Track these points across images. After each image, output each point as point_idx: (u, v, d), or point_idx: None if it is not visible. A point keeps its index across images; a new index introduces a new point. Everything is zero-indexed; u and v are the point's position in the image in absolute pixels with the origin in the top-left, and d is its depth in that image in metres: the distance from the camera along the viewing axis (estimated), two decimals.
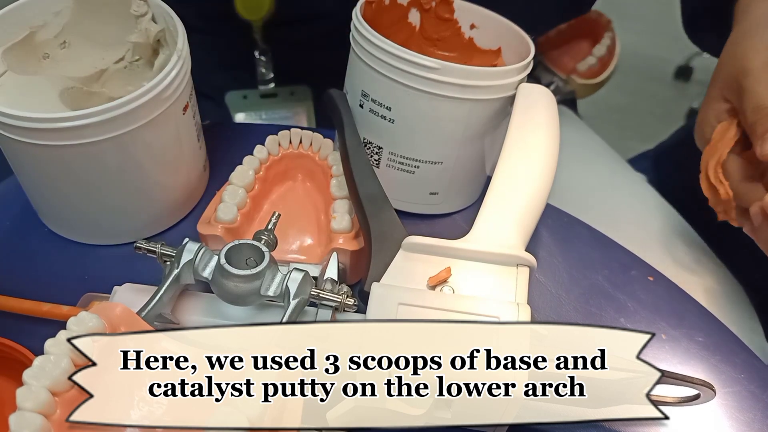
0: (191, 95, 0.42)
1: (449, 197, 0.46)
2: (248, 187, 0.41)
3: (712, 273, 0.57)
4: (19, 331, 0.36)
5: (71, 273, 0.43)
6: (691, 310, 0.44)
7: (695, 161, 0.46)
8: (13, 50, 0.42)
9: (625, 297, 0.44)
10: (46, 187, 0.41)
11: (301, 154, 0.44)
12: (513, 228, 0.36)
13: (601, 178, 0.65)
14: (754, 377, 0.40)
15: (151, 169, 0.41)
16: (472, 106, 0.41)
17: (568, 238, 0.48)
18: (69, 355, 0.26)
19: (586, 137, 0.71)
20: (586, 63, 0.77)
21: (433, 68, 0.39)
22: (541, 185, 0.38)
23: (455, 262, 0.35)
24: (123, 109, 0.36)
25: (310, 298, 0.33)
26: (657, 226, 0.60)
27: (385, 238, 0.35)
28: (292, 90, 0.63)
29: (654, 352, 0.41)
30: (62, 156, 0.37)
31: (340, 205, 0.40)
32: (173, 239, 0.42)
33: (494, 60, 0.48)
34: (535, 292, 0.44)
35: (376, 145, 0.44)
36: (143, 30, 0.43)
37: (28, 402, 0.24)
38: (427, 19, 0.48)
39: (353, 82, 0.43)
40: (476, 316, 0.32)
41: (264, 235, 0.35)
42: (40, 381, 0.25)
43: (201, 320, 0.34)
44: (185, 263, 0.33)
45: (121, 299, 0.34)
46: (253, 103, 0.63)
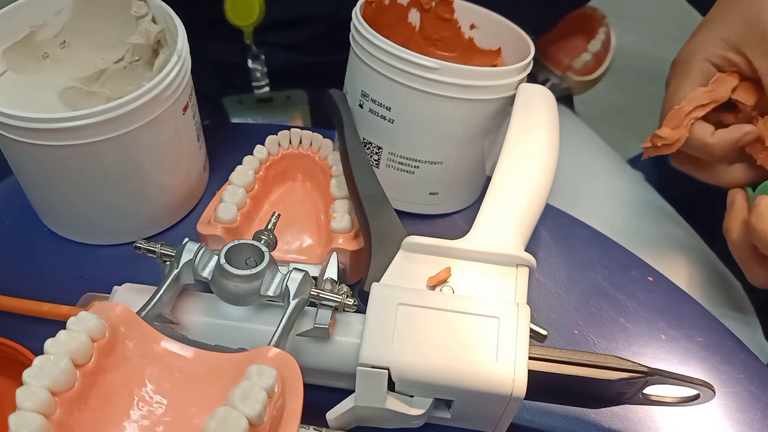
0: (191, 95, 0.42)
1: (449, 197, 0.46)
2: (248, 187, 0.41)
3: (712, 273, 0.57)
4: (19, 331, 0.36)
5: (71, 273, 0.43)
6: (691, 310, 0.44)
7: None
8: (13, 50, 0.42)
9: (624, 297, 0.44)
10: (46, 187, 0.41)
11: (301, 154, 0.44)
12: (513, 228, 0.36)
13: (600, 176, 0.65)
14: (754, 377, 0.40)
15: (151, 169, 0.41)
16: (472, 106, 0.41)
17: (568, 238, 0.48)
18: (69, 355, 0.26)
19: (583, 135, 0.70)
20: (582, 59, 0.76)
21: (432, 68, 0.39)
22: (541, 185, 0.38)
23: (455, 262, 0.35)
24: (123, 109, 0.36)
25: (310, 298, 0.33)
26: (657, 226, 0.60)
27: (385, 238, 0.35)
28: (288, 94, 0.63)
29: (654, 352, 0.41)
30: (62, 156, 0.37)
31: (339, 205, 0.40)
32: (173, 239, 0.43)
33: (494, 60, 0.48)
34: (535, 292, 0.44)
35: (375, 145, 0.44)
36: (143, 31, 0.43)
37: (28, 402, 0.24)
38: (427, 19, 0.48)
39: (353, 82, 0.43)
40: (476, 316, 0.32)
41: (264, 235, 0.35)
42: (40, 381, 0.25)
43: (201, 320, 0.34)
44: (185, 263, 0.33)
45: (121, 299, 0.34)
46: (249, 108, 0.63)
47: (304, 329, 0.33)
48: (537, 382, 0.31)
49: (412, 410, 0.32)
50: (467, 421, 0.34)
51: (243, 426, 0.24)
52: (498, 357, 0.31)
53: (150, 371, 0.29)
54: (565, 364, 0.32)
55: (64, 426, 0.25)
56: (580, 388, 0.33)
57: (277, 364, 0.27)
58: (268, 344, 0.30)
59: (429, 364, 0.31)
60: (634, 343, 0.42)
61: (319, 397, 0.33)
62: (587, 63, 0.77)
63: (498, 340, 0.31)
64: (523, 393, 0.30)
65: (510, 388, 0.30)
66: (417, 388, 0.32)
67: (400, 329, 0.31)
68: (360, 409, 0.32)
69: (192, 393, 0.29)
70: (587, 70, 0.77)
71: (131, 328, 0.29)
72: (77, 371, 0.26)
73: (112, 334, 0.28)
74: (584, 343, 0.41)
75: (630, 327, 0.42)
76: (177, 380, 0.29)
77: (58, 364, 0.26)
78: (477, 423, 0.34)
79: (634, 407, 0.38)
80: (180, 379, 0.29)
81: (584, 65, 0.77)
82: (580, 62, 0.77)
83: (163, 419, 0.28)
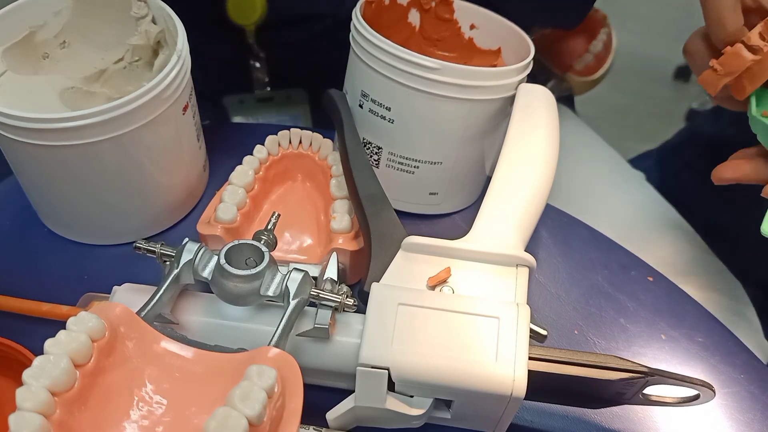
0: (191, 95, 0.42)
1: (449, 197, 0.46)
2: (248, 187, 0.41)
3: (712, 273, 0.57)
4: (19, 331, 0.36)
5: (71, 273, 0.43)
6: (691, 310, 0.44)
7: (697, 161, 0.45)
8: (13, 50, 0.42)
9: (624, 297, 0.44)
10: (46, 187, 0.41)
11: (301, 154, 0.44)
12: (513, 228, 0.36)
13: (600, 176, 0.65)
14: (754, 378, 0.40)
15: (151, 169, 0.41)
16: (472, 107, 0.41)
17: (568, 239, 0.48)
18: (69, 355, 0.26)
19: (584, 135, 0.71)
20: (583, 60, 0.76)
21: (432, 68, 0.39)
22: (541, 185, 0.38)
23: (455, 263, 0.35)
24: (123, 109, 0.36)
25: (310, 298, 0.33)
26: (657, 226, 0.60)
27: (385, 238, 0.35)
28: (288, 93, 0.63)
29: (654, 352, 0.41)
30: (62, 156, 0.37)
31: (339, 205, 0.40)
32: (173, 239, 0.43)
33: (494, 60, 0.48)
34: (535, 293, 0.44)
35: (375, 145, 0.44)
36: (143, 32, 0.43)
37: (28, 402, 0.24)
38: (427, 19, 0.48)
39: (353, 82, 0.43)
40: (476, 316, 0.32)
41: (264, 235, 0.35)
42: (40, 381, 0.25)
43: (201, 320, 0.34)
44: (185, 263, 0.33)
45: (121, 299, 0.34)
46: (250, 107, 0.63)
47: (304, 329, 0.33)
48: (537, 382, 0.31)
49: (412, 410, 0.32)
50: (467, 421, 0.34)
51: (243, 426, 0.24)
52: (498, 357, 0.31)
53: (150, 371, 0.29)
54: (565, 364, 0.32)
55: (64, 426, 0.25)
56: (580, 388, 0.33)
57: (277, 365, 0.27)
58: (268, 344, 0.30)
59: (429, 364, 0.31)
60: (634, 343, 0.42)
61: (319, 397, 0.33)
62: (588, 63, 0.77)
63: (498, 340, 0.31)
64: (523, 393, 0.30)
65: (510, 388, 0.30)
66: (417, 388, 0.32)
67: (400, 329, 0.31)
68: (360, 409, 0.32)
69: (192, 393, 0.29)
70: (588, 71, 0.77)
71: (131, 328, 0.29)
72: (77, 371, 0.26)
73: (112, 334, 0.28)
74: (584, 343, 0.41)
75: (630, 327, 0.42)
76: (177, 380, 0.29)
77: (58, 364, 0.26)
78: (477, 423, 0.34)
79: (634, 407, 0.38)
80: (180, 380, 0.29)
81: (585, 66, 0.77)
82: (581, 63, 0.77)
83: (162, 419, 0.28)
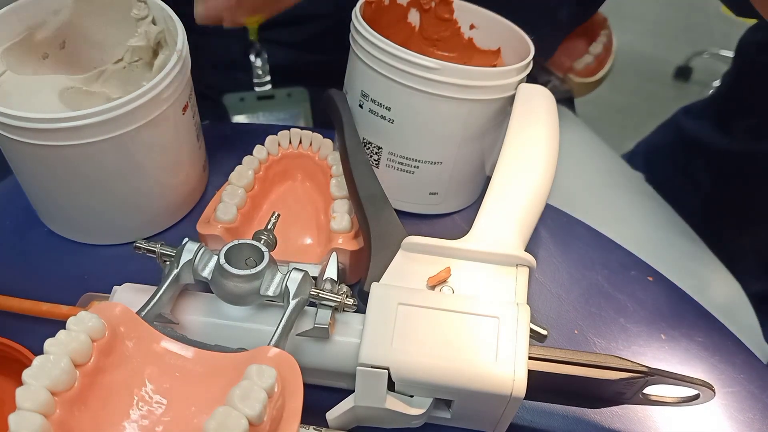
0: (191, 95, 0.42)
1: (449, 197, 0.46)
2: (248, 187, 0.41)
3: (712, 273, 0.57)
4: (19, 330, 0.36)
5: (71, 273, 0.43)
6: (691, 310, 0.44)
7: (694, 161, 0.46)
8: (13, 50, 0.42)
9: (624, 297, 0.44)
10: (46, 187, 0.41)
11: (301, 154, 0.44)
12: (512, 228, 0.36)
13: (600, 177, 0.65)
14: (754, 377, 0.40)
15: (151, 169, 0.41)
16: (472, 107, 0.41)
17: (568, 238, 0.48)
18: (69, 354, 0.26)
19: (584, 136, 0.71)
20: (583, 61, 0.77)
21: (432, 68, 0.39)
22: (541, 185, 0.38)
23: (455, 262, 0.35)
24: (122, 109, 0.36)
25: (310, 298, 0.33)
26: (656, 226, 0.60)
27: (385, 238, 0.35)
28: (289, 92, 0.63)
29: (654, 352, 0.41)
30: (62, 156, 0.37)
31: (339, 205, 0.40)
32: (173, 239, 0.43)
33: (494, 60, 0.48)
34: (535, 292, 0.44)
35: (375, 145, 0.44)
36: (143, 33, 0.43)
37: (28, 402, 0.24)
38: (427, 19, 0.48)
39: (353, 82, 0.43)
40: (476, 316, 0.32)
41: (263, 235, 0.35)
42: (40, 381, 0.25)
43: (201, 320, 0.34)
44: (185, 263, 0.33)
45: (121, 299, 0.34)
46: (250, 106, 0.63)
47: (304, 329, 0.33)
48: (537, 382, 0.31)
49: (412, 410, 0.32)
50: (467, 421, 0.34)
51: (243, 426, 0.24)
52: (498, 357, 0.31)
53: (150, 371, 0.29)
54: (565, 364, 0.32)
55: (64, 426, 0.25)
56: (580, 388, 0.33)
57: (276, 364, 0.27)
58: (268, 344, 0.30)
59: (429, 364, 0.31)
60: (634, 343, 0.42)
61: (319, 397, 0.33)
62: (589, 65, 0.77)
63: (498, 340, 0.31)
64: (523, 393, 0.30)
65: (510, 388, 0.30)
66: (417, 388, 0.32)
67: (399, 329, 0.31)
68: (360, 409, 0.32)
69: (192, 393, 0.29)
70: (589, 72, 0.77)
71: (131, 328, 0.29)
72: (77, 371, 0.26)
73: (112, 334, 0.28)
74: (584, 343, 0.41)
75: (630, 327, 0.42)
76: (177, 380, 0.29)
77: (58, 364, 0.26)
78: (477, 423, 0.34)
79: (634, 407, 0.38)
80: (180, 379, 0.29)
81: (586, 67, 0.77)
82: (581, 64, 0.77)
83: (162, 419, 0.28)
